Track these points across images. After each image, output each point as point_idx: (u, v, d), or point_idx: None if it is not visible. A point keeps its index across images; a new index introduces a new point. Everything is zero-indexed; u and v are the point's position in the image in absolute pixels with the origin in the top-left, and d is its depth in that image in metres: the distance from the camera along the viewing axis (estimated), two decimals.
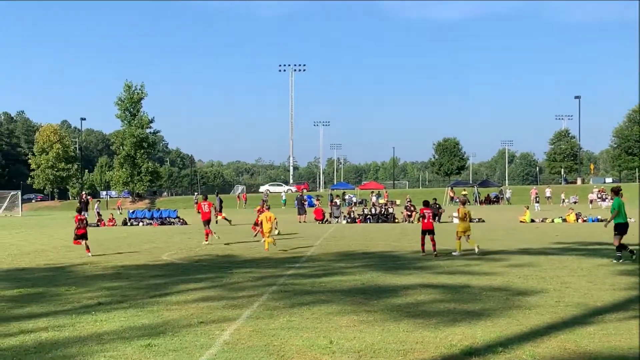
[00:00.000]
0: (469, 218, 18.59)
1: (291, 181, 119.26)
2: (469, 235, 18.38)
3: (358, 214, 40.72)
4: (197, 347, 7.56)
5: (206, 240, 23.60)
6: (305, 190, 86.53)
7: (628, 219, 16.69)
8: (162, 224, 39.28)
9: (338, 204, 43.03)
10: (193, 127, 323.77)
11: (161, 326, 8.80)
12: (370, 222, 38.53)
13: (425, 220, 18.32)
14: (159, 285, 12.98)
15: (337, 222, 39.32)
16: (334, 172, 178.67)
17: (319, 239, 25.75)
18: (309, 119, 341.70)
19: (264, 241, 20.44)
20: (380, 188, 72.89)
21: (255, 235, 25.34)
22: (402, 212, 39.93)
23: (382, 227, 33.20)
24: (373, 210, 41.21)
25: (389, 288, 12.09)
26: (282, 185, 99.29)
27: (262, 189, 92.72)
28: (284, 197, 76.26)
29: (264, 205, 23.09)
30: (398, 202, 56.61)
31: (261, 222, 21.06)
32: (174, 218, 40.08)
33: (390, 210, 40.67)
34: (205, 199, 25.35)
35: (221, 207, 40.78)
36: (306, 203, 46.06)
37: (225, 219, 36.19)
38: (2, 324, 9.15)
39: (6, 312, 10.21)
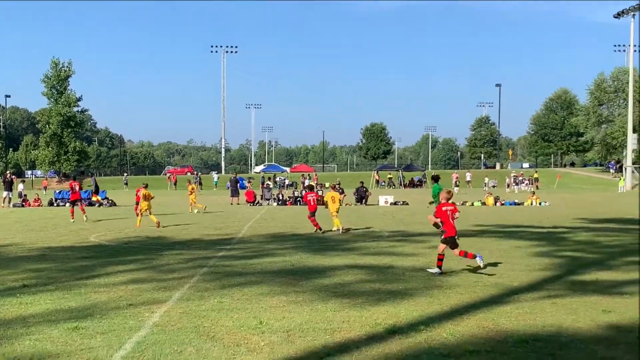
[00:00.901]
0: (337, 200, 21.12)
1: (222, 164, 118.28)
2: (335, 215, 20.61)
3: (288, 197, 40.95)
4: (125, 330, 7.54)
5: (72, 219, 25.00)
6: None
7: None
8: (90, 204, 38.33)
9: (270, 186, 43.16)
10: (123, 106, 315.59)
11: (89, 309, 8.72)
12: (300, 204, 38.81)
13: (311, 203, 20.80)
14: (87, 267, 12.80)
15: (268, 204, 39.45)
16: (265, 154, 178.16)
17: (250, 220, 25.83)
18: (241, 101, 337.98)
19: (138, 219, 22.93)
20: (310, 171, 73.45)
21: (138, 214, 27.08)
22: None
23: None
24: (303, 193, 41.52)
25: (317, 269, 12.34)
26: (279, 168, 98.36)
27: (257, 169, 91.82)
28: (215, 179, 75.83)
29: (192, 183, 25.22)
30: (327, 184, 57.15)
31: (139, 200, 23.25)
32: (103, 199, 39.21)
33: (320, 192, 41.04)
34: (74, 179, 27.84)
35: (97, 189, 40.84)
36: (238, 185, 45.87)
37: (99, 201, 37.12)
38: None
39: None
